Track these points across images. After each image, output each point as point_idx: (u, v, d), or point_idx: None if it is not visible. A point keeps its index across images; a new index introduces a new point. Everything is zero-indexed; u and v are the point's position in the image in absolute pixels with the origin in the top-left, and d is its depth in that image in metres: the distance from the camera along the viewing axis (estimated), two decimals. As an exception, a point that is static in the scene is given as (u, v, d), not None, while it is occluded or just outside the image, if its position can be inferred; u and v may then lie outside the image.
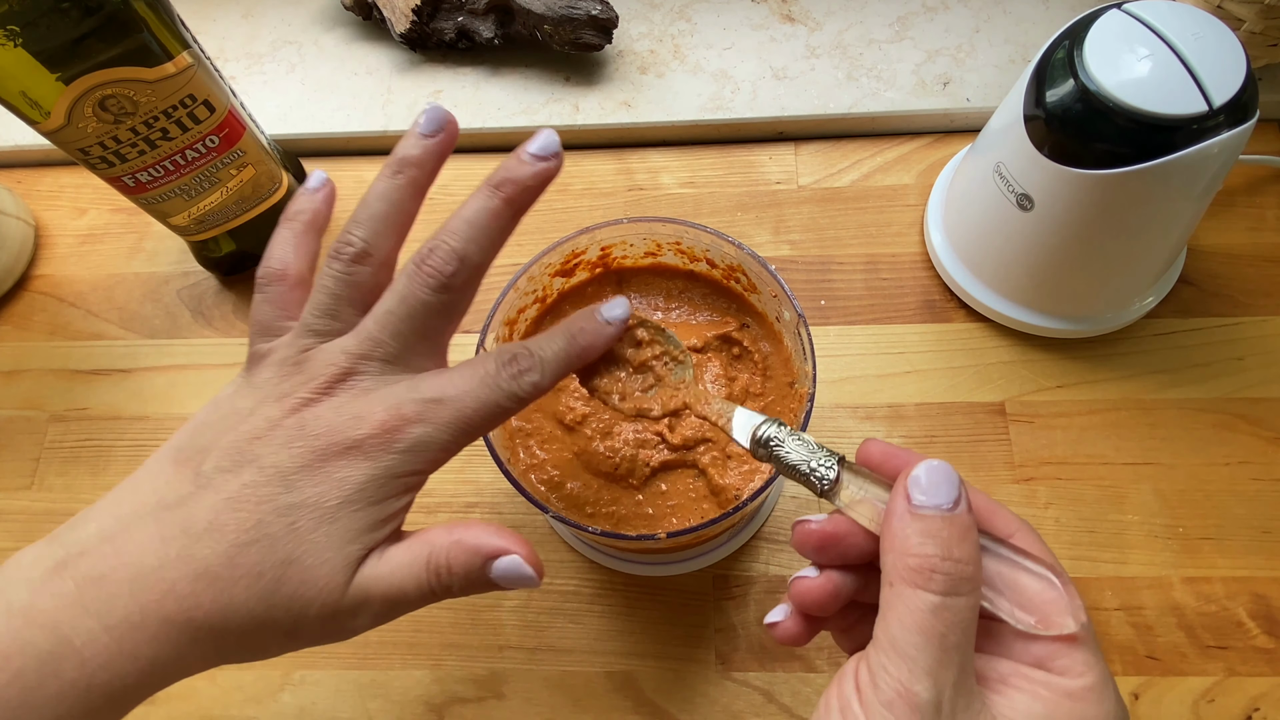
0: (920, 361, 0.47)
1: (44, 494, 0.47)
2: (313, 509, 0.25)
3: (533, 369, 0.27)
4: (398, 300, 0.27)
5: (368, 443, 0.25)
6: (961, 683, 0.22)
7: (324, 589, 0.24)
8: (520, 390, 0.27)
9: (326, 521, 0.25)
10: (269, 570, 0.24)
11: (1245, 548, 0.42)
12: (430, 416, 0.26)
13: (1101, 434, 0.45)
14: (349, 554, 0.25)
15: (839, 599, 0.26)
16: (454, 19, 0.53)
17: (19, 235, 0.53)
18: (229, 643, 0.25)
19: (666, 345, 0.34)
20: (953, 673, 0.22)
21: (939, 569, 0.22)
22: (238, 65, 0.57)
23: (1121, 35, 0.36)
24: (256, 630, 0.24)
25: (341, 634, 0.26)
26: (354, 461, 0.25)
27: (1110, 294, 0.45)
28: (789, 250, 0.50)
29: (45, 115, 0.37)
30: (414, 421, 0.25)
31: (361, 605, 0.25)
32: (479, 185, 0.28)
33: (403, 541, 0.26)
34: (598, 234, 0.39)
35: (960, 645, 0.22)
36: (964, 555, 0.23)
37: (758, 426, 0.28)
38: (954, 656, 0.22)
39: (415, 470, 0.26)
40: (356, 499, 0.25)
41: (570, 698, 0.41)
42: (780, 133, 0.54)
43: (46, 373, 0.50)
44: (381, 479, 0.25)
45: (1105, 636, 0.41)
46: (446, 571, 0.25)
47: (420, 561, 0.25)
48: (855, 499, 0.26)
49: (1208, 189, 0.39)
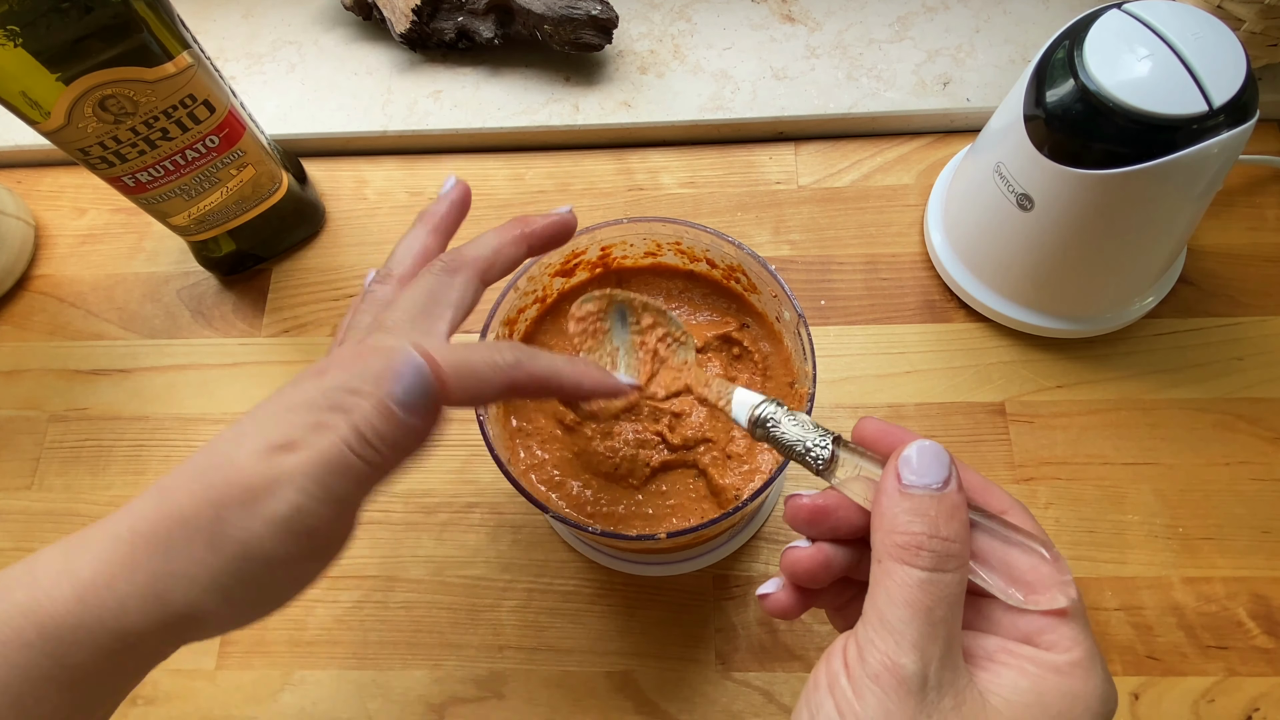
0: (920, 361, 0.47)
1: (44, 494, 0.47)
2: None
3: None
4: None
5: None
6: (948, 657, 0.22)
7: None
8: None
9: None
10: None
11: (1245, 548, 0.42)
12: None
13: (1101, 434, 0.45)
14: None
15: (830, 571, 0.27)
16: (454, 19, 0.54)
17: (19, 235, 0.53)
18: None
19: (669, 327, 0.34)
20: (939, 647, 0.22)
21: (926, 546, 0.23)
22: (238, 65, 0.57)
23: (1121, 35, 0.36)
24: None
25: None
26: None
27: (1110, 294, 0.45)
28: (789, 250, 0.50)
29: (45, 115, 0.37)
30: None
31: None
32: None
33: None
34: (598, 234, 0.39)
35: (947, 620, 0.22)
36: (951, 533, 0.23)
37: (756, 406, 0.29)
38: (940, 631, 0.22)
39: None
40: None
41: (570, 698, 0.41)
42: (780, 133, 0.54)
43: (46, 373, 0.50)
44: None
45: (1105, 636, 0.41)
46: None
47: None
48: (850, 476, 0.26)
49: (1208, 189, 0.39)
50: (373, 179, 0.54)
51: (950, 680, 0.22)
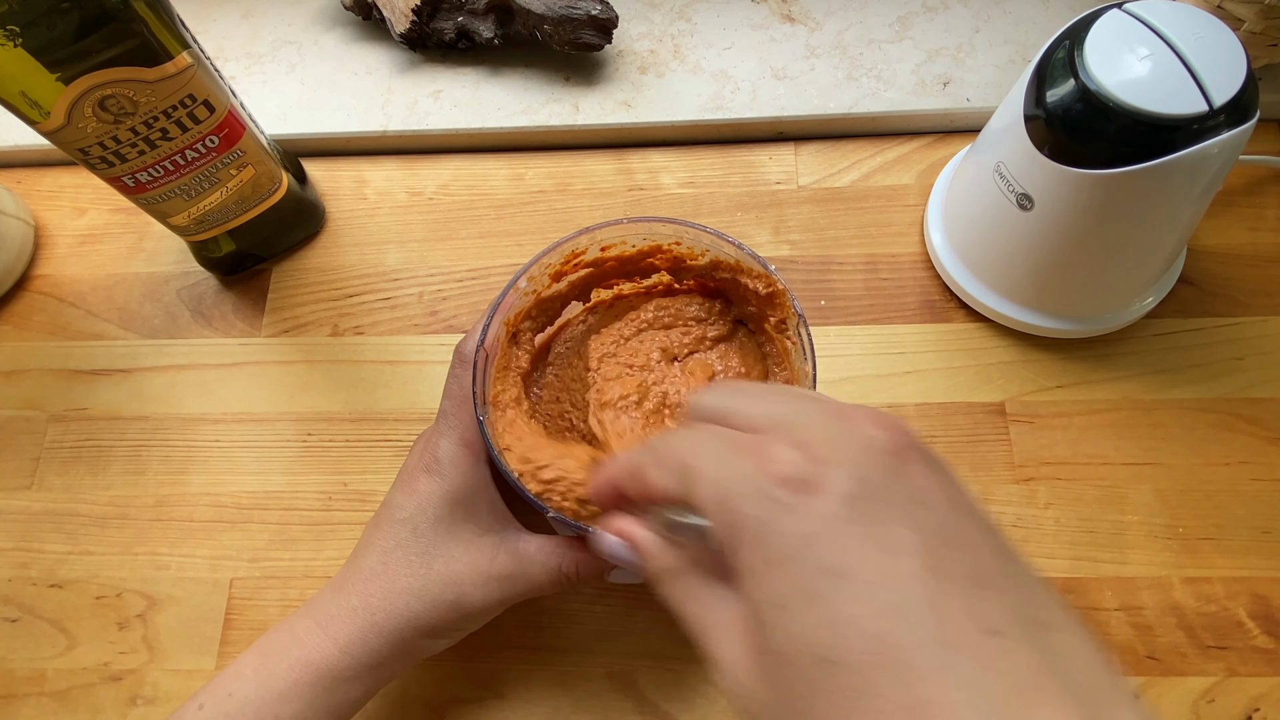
0: (920, 361, 0.47)
1: (44, 494, 0.47)
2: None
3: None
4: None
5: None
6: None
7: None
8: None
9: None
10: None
11: (1245, 548, 0.42)
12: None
13: (1101, 434, 0.45)
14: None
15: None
16: (454, 19, 0.53)
17: (19, 235, 0.53)
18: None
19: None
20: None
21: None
22: (238, 65, 0.57)
23: (1122, 35, 0.36)
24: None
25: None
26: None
27: (1110, 294, 0.45)
28: (789, 250, 0.50)
29: (45, 115, 0.37)
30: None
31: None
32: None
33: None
34: (598, 234, 0.39)
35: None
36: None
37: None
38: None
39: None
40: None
41: (570, 698, 0.41)
42: (780, 133, 0.54)
43: (46, 373, 0.50)
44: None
45: (1105, 636, 0.41)
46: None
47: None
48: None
49: (1208, 189, 0.39)
50: (373, 179, 0.54)
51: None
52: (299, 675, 0.32)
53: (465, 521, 0.35)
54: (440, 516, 0.34)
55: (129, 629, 0.44)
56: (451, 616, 0.34)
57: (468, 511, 0.35)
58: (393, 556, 0.34)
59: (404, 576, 0.34)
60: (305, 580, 0.44)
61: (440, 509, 0.34)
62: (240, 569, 0.45)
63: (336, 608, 0.34)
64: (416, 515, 0.34)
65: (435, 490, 0.34)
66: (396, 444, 0.47)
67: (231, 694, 0.32)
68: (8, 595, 0.45)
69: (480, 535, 0.35)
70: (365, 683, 0.34)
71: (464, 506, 0.35)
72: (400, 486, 0.35)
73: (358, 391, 0.48)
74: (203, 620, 0.44)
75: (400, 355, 0.49)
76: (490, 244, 0.52)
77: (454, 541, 0.34)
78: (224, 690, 0.32)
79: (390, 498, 0.36)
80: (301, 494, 0.46)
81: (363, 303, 0.51)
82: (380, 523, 0.35)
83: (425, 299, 0.51)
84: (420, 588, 0.33)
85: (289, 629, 0.34)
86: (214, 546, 0.45)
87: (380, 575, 0.34)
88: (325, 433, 0.47)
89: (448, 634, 0.36)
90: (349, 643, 0.33)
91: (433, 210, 0.53)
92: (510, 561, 0.34)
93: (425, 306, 0.50)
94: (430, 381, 0.48)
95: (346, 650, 0.33)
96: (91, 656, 0.43)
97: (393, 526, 0.35)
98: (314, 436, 0.47)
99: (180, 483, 0.47)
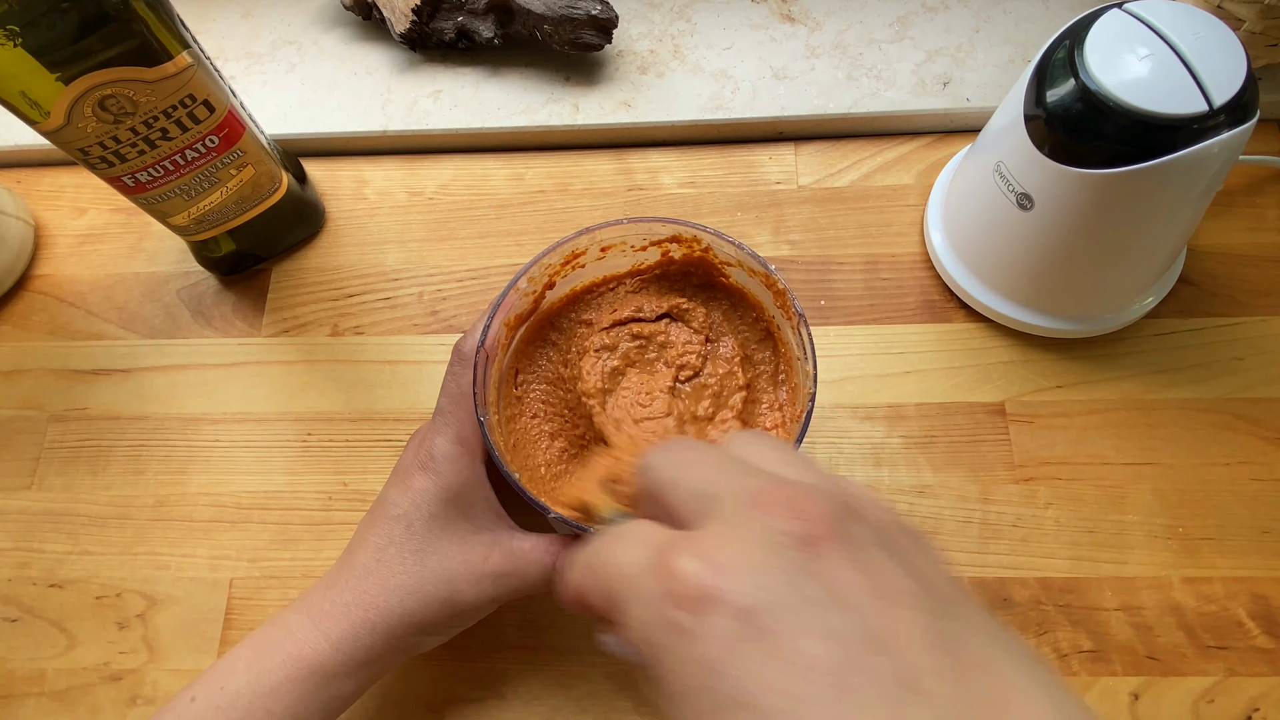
0: (920, 361, 0.47)
1: (44, 494, 0.47)
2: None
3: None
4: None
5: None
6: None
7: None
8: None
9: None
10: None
11: (1245, 548, 0.42)
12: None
13: (1101, 434, 0.45)
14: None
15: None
16: (454, 19, 0.53)
17: (19, 235, 0.53)
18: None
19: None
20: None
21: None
22: (238, 65, 0.57)
23: (1122, 35, 0.36)
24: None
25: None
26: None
27: (1110, 294, 0.45)
28: (789, 250, 0.50)
29: (45, 115, 0.37)
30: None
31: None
32: None
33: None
34: (598, 234, 0.39)
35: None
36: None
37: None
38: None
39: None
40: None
41: (570, 698, 0.41)
42: (780, 133, 0.54)
43: (46, 373, 0.50)
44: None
45: (1105, 636, 0.41)
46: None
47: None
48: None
49: (1208, 189, 0.39)
50: (373, 179, 0.54)
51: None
52: (291, 670, 0.32)
53: (460, 519, 0.35)
54: (435, 514, 0.34)
55: (129, 629, 0.44)
56: (444, 613, 0.34)
57: (462, 509, 0.35)
58: (386, 553, 0.34)
59: (397, 573, 0.34)
60: (305, 580, 0.44)
61: (435, 506, 0.34)
62: (240, 569, 0.45)
63: (329, 603, 0.34)
64: (411, 512, 0.34)
65: (430, 487, 0.34)
66: (396, 444, 0.47)
67: (224, 687, 0.32)
68: (8, 595, 0.45)
69: (475, 533, 0.35)
70: (357, 678, 0.34)
71: (459, 504, 0.35)
72: (395, 483, 0.35)
73: (357, 391, 0.48)
74: (203, 620, 0.44)
75: (400, 355, 0.49)
76: (490, 244, 0.52)
77: (448, 539, 0.34)
78: (216, 683, 0.33)
79: (385, 494, 0.36)
80: (301, 494, 0.46)
81: (363, 303, 0.51)
82: (374, 519, 0.35)
83: (425, 299, 0.51)
84: (413, 584, 0.33)
85: (282, 623, 0.34)
86: (214, 546, 0.45)
87: (374, 571, 0.34)
88: (325, 433, 0.47)
89: (440, 631, 0.36)
90: (341, 638, 0.33)
91: (433, 210, 0.53)
92: (504, 559, 0.34)
93: (425, 306, 0.50)
94: (430, 381, 0.48)
95: (339, 646, 0.33)
96: (91, 656, 0.43)
97: (387, 523, 0.35)
98: (314, 436, 0.47)
99: (180, 483, 0.47)
